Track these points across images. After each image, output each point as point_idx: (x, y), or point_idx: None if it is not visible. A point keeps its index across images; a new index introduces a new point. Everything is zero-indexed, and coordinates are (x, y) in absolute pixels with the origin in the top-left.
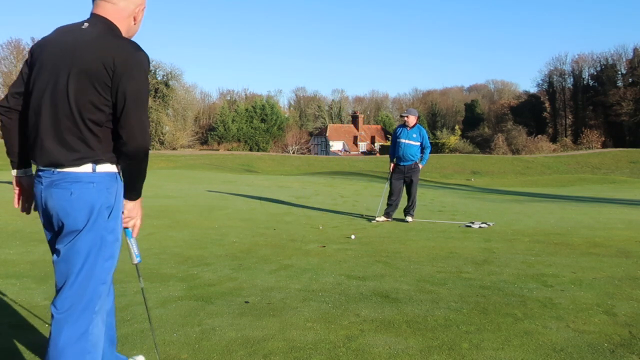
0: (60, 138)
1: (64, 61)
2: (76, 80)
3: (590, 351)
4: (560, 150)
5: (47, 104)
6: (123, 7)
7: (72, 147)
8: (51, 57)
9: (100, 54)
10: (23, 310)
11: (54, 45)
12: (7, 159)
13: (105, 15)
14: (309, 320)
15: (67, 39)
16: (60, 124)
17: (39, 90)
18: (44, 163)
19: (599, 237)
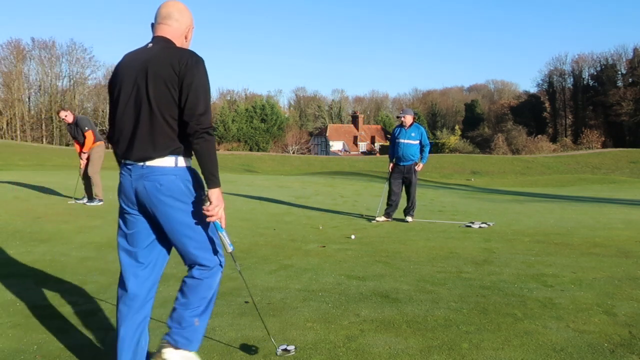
0: (146, 136)
1: (141, 73)
2: (153, 85)
3: (590, 351)
4: (560, 150)
5: (132, 108)
6: (176, 27)
7: (157, 143)
8: (130, 72)
9: (167, 60)
10: (23, 310)
11: (130, 64)
12: (7, 159)
13: (163, 35)
14: (309, 320)
15: (140, 57)
16: (145, 124)
17: (124, 100)
18: (135, 158)
19: (599, 237)
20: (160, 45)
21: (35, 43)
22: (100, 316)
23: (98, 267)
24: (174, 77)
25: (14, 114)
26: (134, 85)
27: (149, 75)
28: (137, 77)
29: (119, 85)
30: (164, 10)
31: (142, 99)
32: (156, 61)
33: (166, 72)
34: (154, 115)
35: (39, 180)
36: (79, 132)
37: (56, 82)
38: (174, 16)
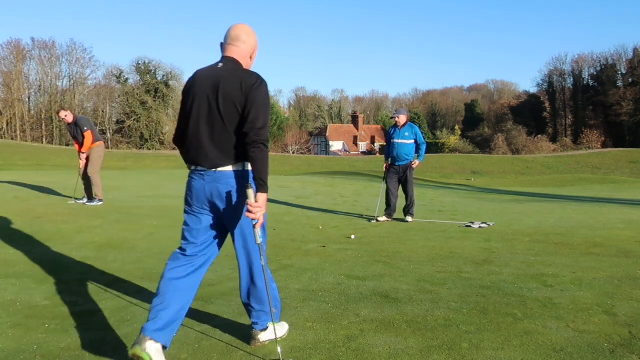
0: (218, 146)
1: (213, 91)
2: (223, 103)
3: (590, 351)
4: (560, 150)
5: (205, 121)
6: (244, 49)
7: (226, 153)
8: (203, 88)
9: (236, 82)
10: (23, 310)
11: (203, 81)
12: (7, 159)
13: (232, 56)
14: (309, 320)
15: (212, 75)
16: (217, 135)
17: (196, 113)
18: (208, 165)
19: (599, 237)
20: (229, 66)
21: (35, 43)
22: (100, 316)
23: (98, 267)
24: (241, 97)
25: (14, 114)
26: (206, 101)
27: (219, 94)
28: (210, 94)
29: (192, 98)
30: (234, 32)
31: (214, 114)
32: (226, 82)
33: (235, 92)
34: (225, 129)
35: (39, 180)
36: (79, 132)
37: (56, 82)
38: (242, 38)
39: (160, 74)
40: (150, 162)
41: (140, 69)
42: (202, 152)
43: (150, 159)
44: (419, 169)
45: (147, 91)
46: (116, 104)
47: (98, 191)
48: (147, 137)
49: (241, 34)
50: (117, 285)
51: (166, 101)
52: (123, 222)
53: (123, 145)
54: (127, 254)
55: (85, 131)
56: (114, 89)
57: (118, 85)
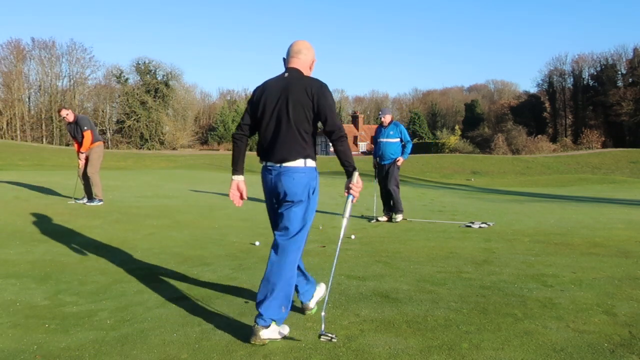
0: (285, 144)
1: (283, 97)
2: (292, 107)
3: (590, 351)
4: (560, 150)
5: (274, 123)
6: (304, 60)
7: (292, 149)
8: (273, 95)
9: (302, 88)
10: (23, 310)
11: (272, 89)
12: (7, 159)
13: (296, 67)
14: (309, 320)
15: (280, 84)
16: (284, 135)
17: (267, 117)
18: (275, 160)
19: (599, 237)
20: (294, 75)
21: (35, 43)
22: (100, 316)
23: (98, 267)
24: (308, 101)
25: (14, 114)
26: (276, 106)
27: (289, 99)
28: (279, 100)
29: (264, 104)
30: (296, 47)
31: (283, 117)
32: (294, 89)
33: (302, 97)
34: (292, 129)
35: (39, 180)
36: (79, 132)
37: (56, 82)
38: (303, 52)
39: (160, 74)
40: (150, 162)
41: (140, 69)
42: (271, 149)
43: (150, 159)
44: (418, 169)
45: (147, 91)
46: (116, 104)
47: (98, 191)
48: (147, 137)
49: (302, 48)
50: (117, 285)
51: (166, 101)
52: (123, 222)
53: (123, 145)
54: (127, 254)
55: (85, 130)
56: (114, 89)
57: (118, 85)
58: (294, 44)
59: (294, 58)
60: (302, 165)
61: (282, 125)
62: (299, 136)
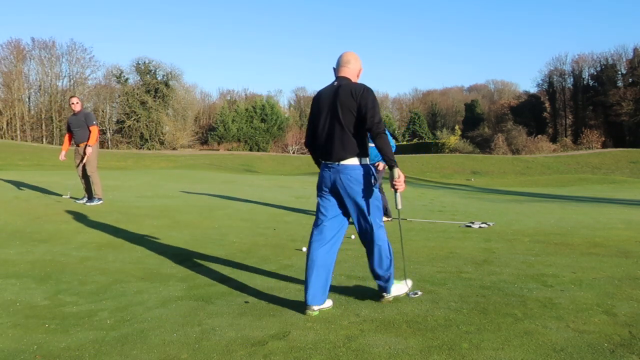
0: (340, 144)
1: (333, 103)
2: (342, 111)
3: (590, 351)
4: (560, 150)
5: (328, 126)
6: (352, 69)
7: (347, 149)
8: (326, 101)
9: (349, 93)
10: (23, 310)
11: (326, 95)
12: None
13: (345, 75)
14: (309, 320)
15: (332, 91)
16: (339, 136)
17: (322, 120)
18: (333, 159)
19: (599, 237)
20: (343, 82)
21: (35, 43)
22: (100, 316)
23: (98, 267)
24: (353, 103)
25: (14, 114)
26: (329, 111)
27: (338, 104)
28: (331, 105)
29: (319, 110)
30: (345, 58)
31: (335, 121)
32: (342, 94)
33: (349, 101)
34: (344, 131)
35: (39, 180)
36: (81, 125)
37: (56, 82)
38: (351, 62)
39: (160, 74)
40: (150, 162)
41: (140, 69)
42: (328, 149)
43: (150, 159)
44: (418, 169)
45: (147, 91)
46: (116, 104)
47: (98, 190)
48: (147, 137)
49: (351, 59)
50: (117, 285)
51: (166, 101)
52: (123, 222)
53: (123, 145)
54: (127, 254)
55: (92, 125)
56: (114, 89)
57: (118, 85)
58: (344, 55)
59: (344, 67)
60: (357, 163)
61: (336, 128)
62: (351, 136)
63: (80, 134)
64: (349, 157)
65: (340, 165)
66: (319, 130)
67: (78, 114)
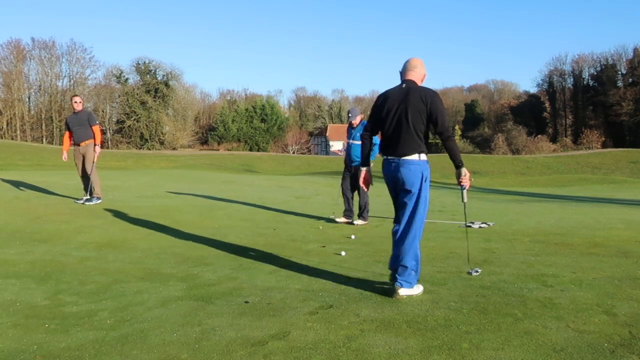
0: (404, 141)
1: (403, 103)
2: (411, 112)
3: (590, 351)
4: (560, 150)
5: (396, 124)
6: (418, 73)
7: (410, 146)
8: (394, 101)
9: (418, 96)
10: (23, 310)
11: (394, 96)
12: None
13: (411, 79)
14: (309, 320)
15: (400, 92)
16: (405, 134)
17: (390, 119)
18: (397, 155)
19: (599, 237)
20: (410, 85)
21: (35, 43)
22: (100, 316)
23: (98, 267)
24: (423, 107)
25: (14, 114)
26: (397, 110)
27: (408, 105)
28: (400, 105)
29: (387, 109)
30: (412, 63)
31: (403, 120)
32: (412, 97)
33: (418, 104)
34: (410, 129)
35: (39, 180)
36: (82, 124)
37: (56, 82)
38: (418, 67)
39: (160, 74)
40: (150, 162)
41: (140, 69)
42: (393, 145)
43: (150, 159)
44: None
45: (147, 91)
46: (116, 104)
47: (98, 189)
48: (147, 137)
49: (417, 65)
50: (117, 285)
51: (166, 101)
52: (123, 222)
53: (123, 145)
54: (127, 254)
55: (95, 125)
56: (114, 89)
57: (118, 85)
58: (411, 60)
59: (411, 71)
60: (417, 159)
61: (402, 126)
62: (416, 135)
63: (81, 132)
64: (411, 153)
65: (401, 160)
66: (385, 127)
67: (79, 113)
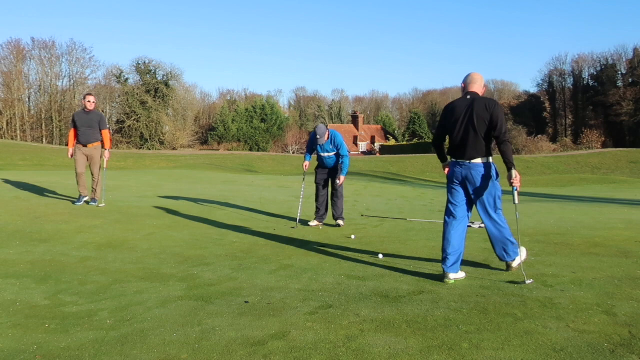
0: (472, 146)
1: (469, 112)
2: (476, 119)
3: (590, 351)
4: (560, 150)
5: (463, 131)
6: (479, 85)
7: (477, 150)
8: (461, 110)
9: (484, 105)
10: (23, 310)
11: (460, 106)
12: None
13: (474, 90)
14: (309, 320)
15: (466, 103)
16: (472, 140)
17: (458, 126)
18: (466, 158)
19: (599, 237)
20: (474, 96)
21: (35, 43)
22: (100, 316)
23: (98, 267)
24: (487, 114)
25: (14, 114)
26: (465, 118)
27: (474, 114)
28: (467, 114)
29: (455, 118)
30: (474, 77)
31: (470, 127)
32: (477, 106)
33: (483, 112)
34: (477, 136)
35: (39, 180)
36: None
37: (56, 82)
38: (478, 81)
39: (160, 74)
40: (150, 162)
41: (140, 69)
42: (462, 149)
43: (150, 159)
44: (418, 169)
45: (147, 91)
46: (116, 104)
47: (99, 191)
48: (147, 137)
49: (478, 79)
50: (117, 285)
51: (166, 101)
52: (123, 222)
53: (123, 145)
54: (127, 254)
55: (105, 129)
56: (114, 89)
57: (118, 85)
58: (473, 75)
59: (473, 84)
60: (484, 161)
61: (470, 133)
62: (482, 140)
63: (89, 134)
64: (478, 156)
65: (471, 163)
66: (454, 134)
67: (90, 113)
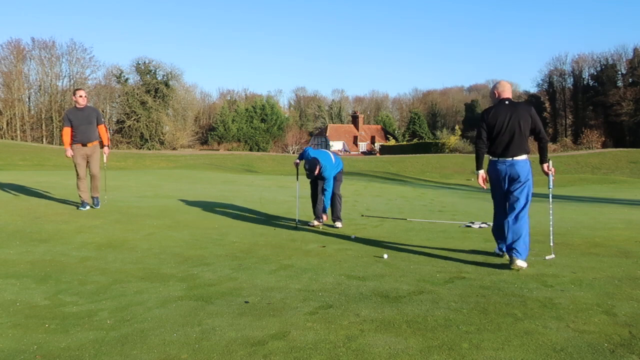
0: (516, 145)
1: (514, 116)
2: (522, 122)
3: (590, 351)
4: (560, 150)
5: (509, 132)
6: (510, 91)
7: (521, 148)
8: (506, 115)
9: (526, 110)
10: (23, 310)
11: (502, 111)
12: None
13: (509, 97)
14: (309, 320)
15: (507, 108)
16: (517, 139)
17: (503, 128)
18: (509, 156)
19: (599, 237)
20: (513, 102)
21: (35, 43)
22: (100, 316)
23: (98, 267)
24: (529, 118)
25: (14, 114)
26: (509, 121)
27: (519, 117)
28: (512, 117)
29: (501, 121)
30: (506, 86)
31: (516, 128)
32: (520, 111)
33: (526, 116)
34: (522, 136)
35: (39, 180)
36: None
37: (56, 82)
38: (509, 89)
39: (160, 74)
40: (150, 162)
41: (140, 69)
42: (506, 149)
43: (150, 159)
44: (418, 169)
45: (147, 91)
46: (116, 104)
47: (97, 192)
48: (147, 137)
49: (508, 87)
50: (117, 285)
51: (166, 101)
52: (123, 222)
53: (123, 145)
54: (127, 254)
55: (102, 124)
56: (114, 89)
57: (118, 85)
58: (505, 83)
59: (507, 92)
60: (525, 158)
61: (515, 134)
62: (524, 140)
63: (89, 131)
64: (521, 154)
65: (514, 160)
66: (499, 135)
67: (84, 109)
